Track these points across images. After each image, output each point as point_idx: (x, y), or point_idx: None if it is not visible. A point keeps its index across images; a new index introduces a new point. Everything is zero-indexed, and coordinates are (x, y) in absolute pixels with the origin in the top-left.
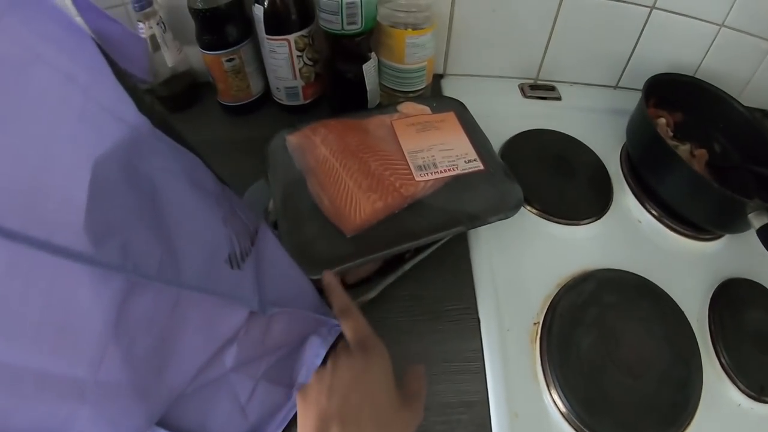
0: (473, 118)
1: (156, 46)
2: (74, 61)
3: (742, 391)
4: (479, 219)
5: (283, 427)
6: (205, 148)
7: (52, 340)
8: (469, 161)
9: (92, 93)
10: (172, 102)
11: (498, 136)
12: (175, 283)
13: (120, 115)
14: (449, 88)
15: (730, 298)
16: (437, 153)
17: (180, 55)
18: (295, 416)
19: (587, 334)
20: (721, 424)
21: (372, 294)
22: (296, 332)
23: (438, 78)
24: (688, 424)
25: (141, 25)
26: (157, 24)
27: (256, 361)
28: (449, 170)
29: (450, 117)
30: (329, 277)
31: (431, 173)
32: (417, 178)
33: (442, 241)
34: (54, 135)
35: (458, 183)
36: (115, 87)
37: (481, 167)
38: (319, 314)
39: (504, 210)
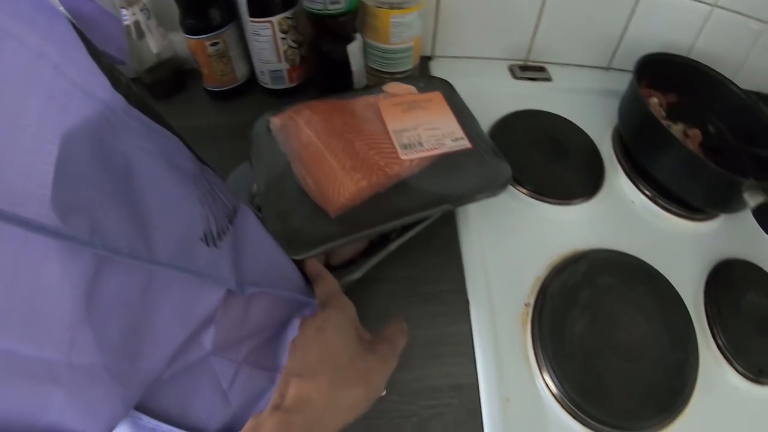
0: (460, 97)
1: (140, 33)
2: (46, 38)
3: (740, 374)
4: (466, 197)
5: None
6: (191, 134)
7: (20, 318)
8: (456, 140)
9: (63, 70)
10: (157, 89)
11: (488, 116)
12: (147, 260)
13: (92, 92)
14: (438, 70)
15: (726, 279)
16: (423, 132)
17: (164, 41)
18: None
19: (580, 316)
20: (718, 408)
21: (357, 274)
22: (278, 314)
23: (426, 60)
24: (685, 407)
25: (125, 11)
26: (141, 10)
27: (236, 345)
28: (435, 149)
29: (437, 96)
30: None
31: (417, 152)
32: (402, 157)
33: (429, 221)
34: (21, 110)
35: (445, 161)
36: (89, 64)
37: (469, 145)
38: (301, 295)
39: (492, 188)
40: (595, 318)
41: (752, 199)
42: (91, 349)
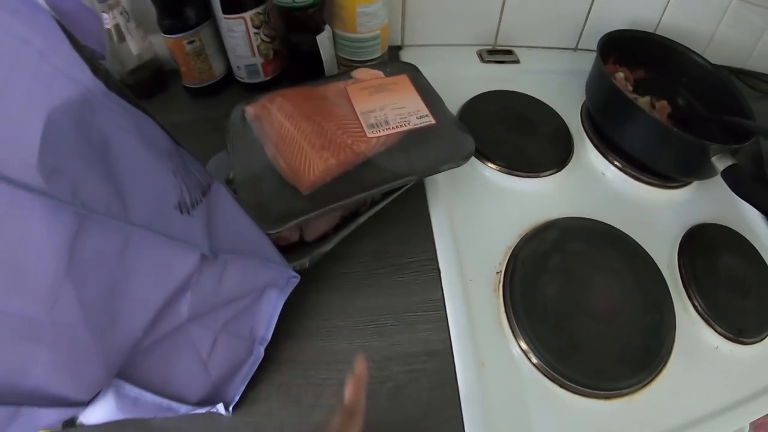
0: (426, 79)
1: (121, 37)
2: (30, 28)
3: (720, 334)
4: (431, 169)
5: (245, 383)
6: (172, 130)
7: (4, 274)
8: (421, 117)
9: (47, 55)
10: (140, 90)
11: (457, 99)
12: (123, 220)
13: (74, 77)
14: (407, 59)
15: (700, 242)
16: (389, 111)
17: (144, 43)
18: (258, 373)
19: (552, 281)
20: (699, 367)
21: (328, 246)
22: (251, 282)
23: (396, 50)
24: (664, 367)
25: (105, 15)
26: (121, 14)
27: (213, 313)
28: (401, 126)
29: (403, 79)
30: (361, 367)
31: (383, 130)
32: (369, 135)
33: (397, 194)
34: (8, 86)
35: (410, 137)
36: (70, 53)
37: (433, 122)
38: (274, 264)
39: (455, 159)
40: (566, 282)
41: (721, 164)
42: (73, 307)
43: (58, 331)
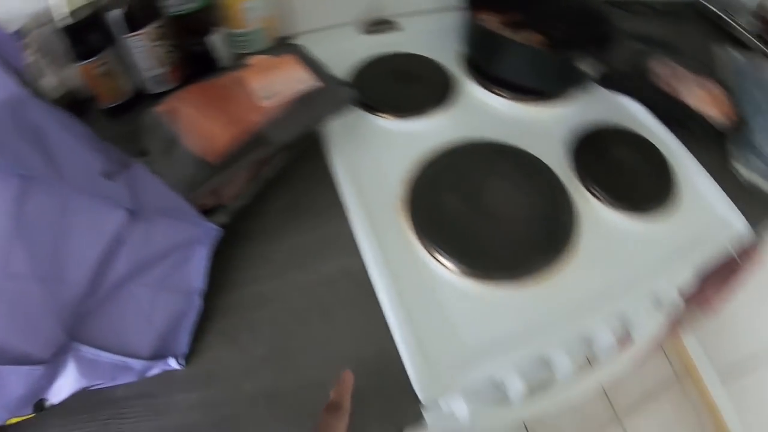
0: (313, 55)
1: (38, 73)
2: None
3: (620, 211)
4: (317, 118)
5: (190, 333)
6: None
7: None
8: (309, 83)
9: None
10: None
11: (347, 70)
12: (57, 179)
13: (4, 85)
14: None
15: (591, 141)
16: (279, 84)
17: (60, 76)
18: (202, 324)
19: (451, 194)
20: (606, 245)
21: (240, 202)
22: (177, 237)
23: (286, 40)
24: (571, 249)
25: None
26: (36, 51)
27: (149, 270)
28: (291, 92)
29: (290, 58)
30: (347, 374)
31: (275, 99)
32: (265, 105)
33: (297, 150)
34: None
35: (301, 101)
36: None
37: (321, 85)
38: (195, 219)
39: (338, 106)
40: (466, 193)
41: (591, 69)
42: (25, 261)
43: (13, 284)
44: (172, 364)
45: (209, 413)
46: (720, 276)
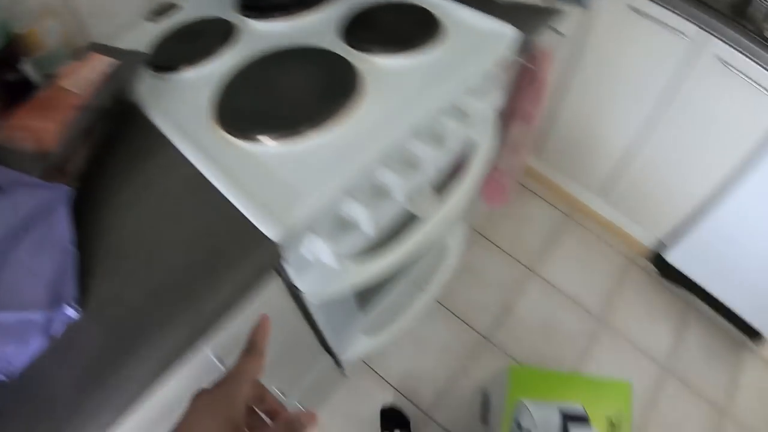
0: (110, 44)
1: None
2: None
3: (394, 54)
4: (124, 80)
5: (75, 279)
6: None
7: None
8: (110, 64)
9: None
10: None
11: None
12: None
13: None
14: None
15: (358, 20)
16: (87, 73)
17: None
18: (83, 270)
19: (249, 97)
20: (392, 80)
21: (79, 165)
22: (36, 201)
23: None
24: (361, 91)
25: None
26: None
27: (22, 233)
28: (98, 76)
29: (92, 54)
30: (264, 319)
31: (86, 84)
32: (78, 92)
33: (115, 114)
34: None
35: (107, 78)
36: None
37: (119, 62)
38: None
39: (135, 69)
40: (262, 90)
41: None
42: None
43: None
44: (69, 312)
45: (113, 333)
46: (526, 87)
